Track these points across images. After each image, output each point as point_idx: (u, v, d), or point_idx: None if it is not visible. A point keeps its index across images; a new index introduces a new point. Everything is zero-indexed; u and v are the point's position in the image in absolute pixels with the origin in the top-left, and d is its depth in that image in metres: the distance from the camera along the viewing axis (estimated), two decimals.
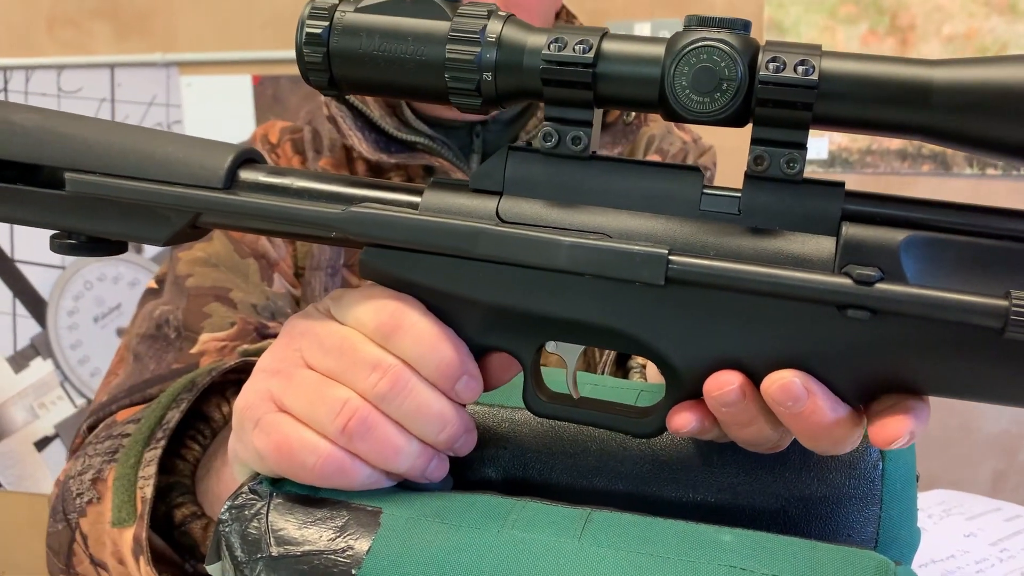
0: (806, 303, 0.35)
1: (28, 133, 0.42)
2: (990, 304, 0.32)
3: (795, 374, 0.35)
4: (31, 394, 2.23)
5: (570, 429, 0.46)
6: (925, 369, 0.35)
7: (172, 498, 0.54)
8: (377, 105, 0.79)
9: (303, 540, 0.37)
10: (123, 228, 0.42)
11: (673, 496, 0.44)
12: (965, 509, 0.76)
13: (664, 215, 0.38)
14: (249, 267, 0.76)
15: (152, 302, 0.75)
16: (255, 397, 0.40)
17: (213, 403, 0.57)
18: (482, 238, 0.38)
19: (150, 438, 0.53)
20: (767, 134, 0.35)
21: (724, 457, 0.44)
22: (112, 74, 2.00)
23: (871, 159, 1.71)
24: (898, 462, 0.44)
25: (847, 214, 0.36)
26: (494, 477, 0.46)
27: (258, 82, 1.93)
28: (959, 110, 0.33)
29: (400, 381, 0.38)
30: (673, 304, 0.37)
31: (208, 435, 0.56)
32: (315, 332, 0.40)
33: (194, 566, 0.54)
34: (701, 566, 0.34)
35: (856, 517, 0.43)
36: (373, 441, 0.38)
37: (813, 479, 0.43)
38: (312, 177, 0.42)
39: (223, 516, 0.39)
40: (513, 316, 0.39)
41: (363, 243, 0.40)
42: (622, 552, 0.35)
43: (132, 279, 2.11)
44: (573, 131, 0.38)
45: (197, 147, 0.42)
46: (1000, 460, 1.77)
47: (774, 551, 0.35)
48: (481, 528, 0.37)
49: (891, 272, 0.35)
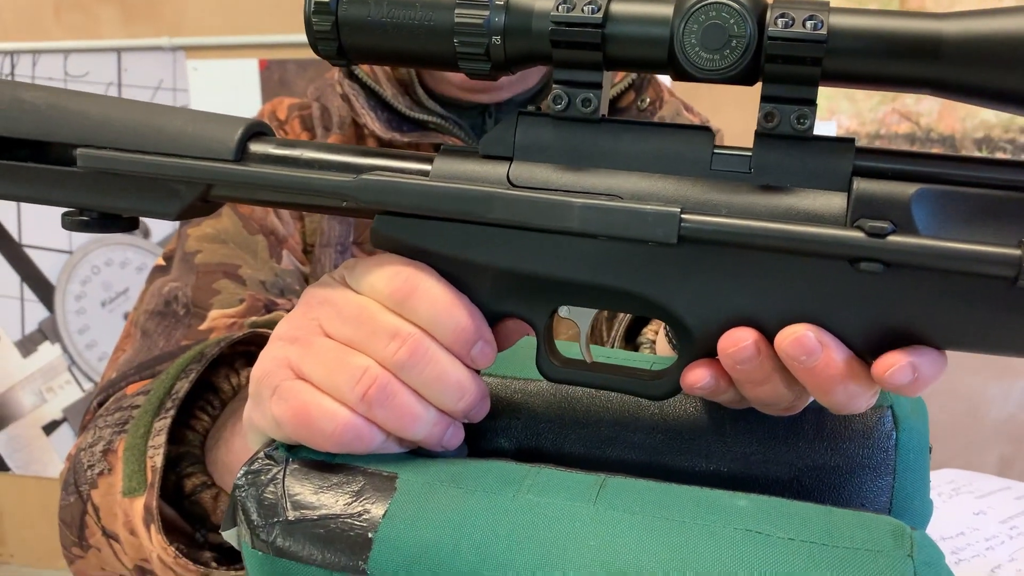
0: (819, 258, 0.35)
1: (38, 111, 0.42)
2: (1003, 253, 0.32)
3: (808, 328, 0.35)
4: (39, 378, 2.24)
5: (583, 400, 0.46)
6: (937, 321, 0.35)
7: (182, 468, 0.54)
8: (390, 84, 0.79)
9: (319, 504, 0.37)
10: (134, 203, 0.42)
11: (686, 466, 0.44)
12: (975, 488, 0.76)
13: (675, 175, 0.38)
14: (258, 243, 0.76)
15: (161, 279, 0.75)
16: (272, 365, 0.40)
17: (222, 374, 0.57)
18: (494, 202, 0.38)
19: (159, 408, 0.53)
20: (777, 91, 0.35)
21: (737, 427, 0.44)
22: (119, 58, 2.00)
23: (879, 143, 1.71)
24: (911, 432, 0.44)
25: (858, 169, 0.36)
26: (507, 447, 0.46)
27: (265, 66, 1.93)
28: (969, 62, 0.33)
29: (420, 350, 0.38)
30: (686, 264, 0.37)
31: (217, 406, 0.56)
32: (333, 301, 0.40)
33: (204, 535, 0.54)
34: (717, 529, 0.34)
35: (869, 487, 0.43)
36: (392, 409, 0.38)
37: (826, 449, 0.43)
38: (322, 148, 0.42)
39: (239, 481, 0.39)
40: (526, 281, 0.39)
41: (375, 211, 0.40)
42: (637, 516, 0.35)
43: (140, 264, 2.12)
44: (583, 93, 0.38)
45: (207, 121, 0.42)
46: (1007, 445, 1.77)
47: (789, 515, 0.35)
48: (496, 493, 0.37)
49: (903, 225, 0.35)
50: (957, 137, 1.65)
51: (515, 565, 0.34)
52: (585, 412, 0.46)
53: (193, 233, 0.76)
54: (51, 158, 0.43)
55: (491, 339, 0.40)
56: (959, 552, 0.65)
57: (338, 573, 0.36)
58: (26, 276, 2.18)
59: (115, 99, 0.43)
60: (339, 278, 0.42)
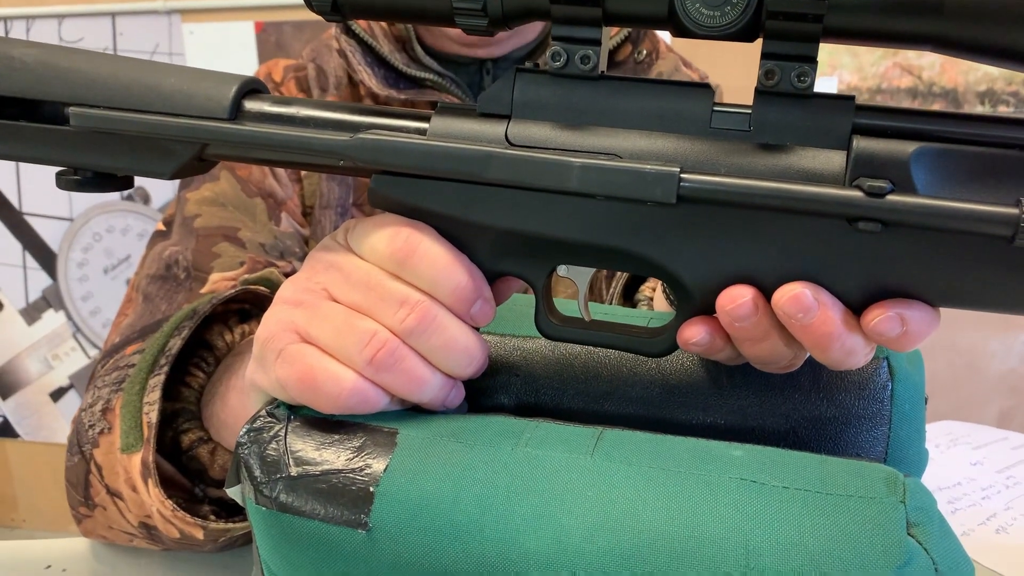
0: (817, 217, 0.35)
1: (28, 68, 0.41)
2: (1001, 212, 0.32)
3: (805, 286, 0.36)
4: (45, 346, 2.25)
5: (581, 356, 0.47)
6: (935, 279, 0.36)
7: (178, 424, 0.55)
8: (387, 40, 0.78)
9: (321, 460, 0.38)
10: (129, 162, 0.42)
11: (683, 419, 0.44)
12: (972, 439, 0.77)
13: (675, 134, 0.38)
14: (256, 206, 0.76)
15: (161, 243, 0.75)
16: (277, 327, 0.40)
17: (216, 331, 0.58)
18: (492, 162, 0.38)
19: (153, 365, 0.54)
20: (778, 48, 0.35)
21: (734, 380, 0.44)
22: (113, 22, 1.98)
23: (881, 98, 1.69)
24: (907, 383, 0.44)
25: (857, 127, 0.36)
26: (507, 404, 0.46)
27: (261, 29, 1.91)
28: (971, 17, 0.32)
29: (428, 316, 0.39)
30: (685, 223, 0.37)
31: (212, 362, 0.57)
32: (340, 266, 0.40)
33: (203, 490, 0.55)
34: (713, 479, 0.35)
35: (865, 437, 0.44)
36: (399, 373, 0.39)
37: (822, 400, 0.43)
38: (317, 105, 0.41)
39: (242, 439, 0.39)
40: (524, 240, 0.39)
41: (372, 170, 0.40)
42: (634, 467, 0.36)
43: (141, 230, 2.12)
44: (582, 50, 0.38)
45: (201, 78, 0.42)
46: (1007, 398, 1.78)
47: (785, 464, 0.35)
48: (495, 446, 0.37)
49: (901, 184, 0.35)
50: (960, 91, 1.63)
51: (514, 516, 0.35)
52: (583, 368, 0.46)
53: (192, 197, 0.76)
54: (43, 116, 0.43)
55: (490, 297, 0.41)
56: (956, 502, 0.66)
57: (341, 526, 0.36)
58: (28, 244, 2.19)
59: (108, 56, 0.43)
60: (342, 241, 0.42)
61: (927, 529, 0.33)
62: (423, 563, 0.35)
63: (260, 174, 0.78)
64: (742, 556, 0.32)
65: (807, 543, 0.32)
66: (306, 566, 0.37)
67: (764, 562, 0.32)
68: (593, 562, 0.33)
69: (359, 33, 0.78)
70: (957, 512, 0.65)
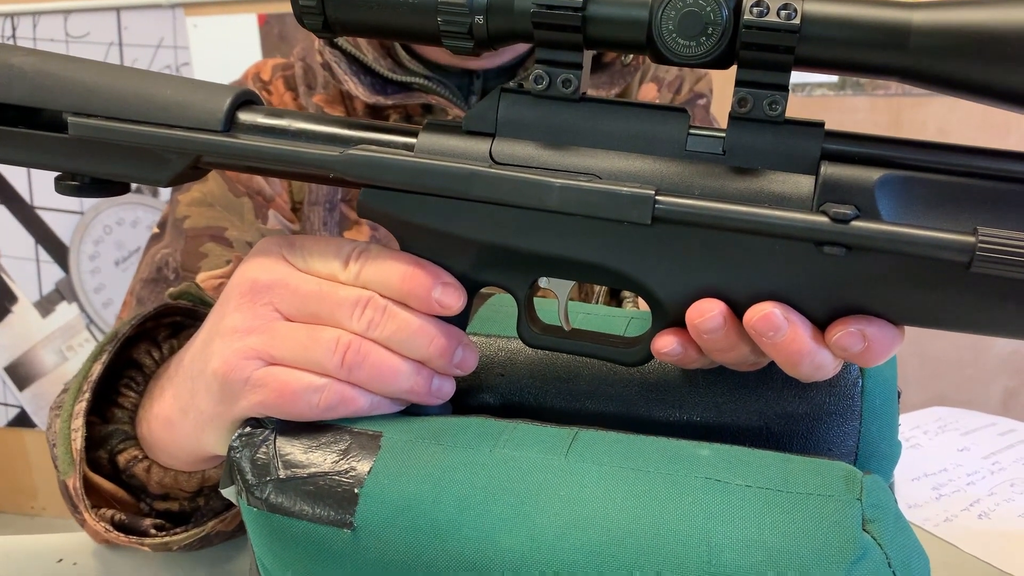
0: (786, 240, 0.37)
1: (28, 77, 0.42)
2: (958, 240, 0.34)
3: (775, 305, 0.37)
4: (59, 337, 2.29)
5: (563, 357, 0.48)
6: (897, 300, 0.37)
7: (113, 444, 0.55)
8: (371, 48, 0.79)
9: (309, 463, 0.40)
10: (126, 170, 0.43)
11: (661, 416, 0.46)
12: (961, 425, 0.78)
13: (651, 155, 0.39)
14: (243, 205, 0.78)
15: (155, 246, 0.77)
16: (236, 358, 0.41)
17: (143, 349, 0.58)
18: (476, 180, 0.39)
19: (78, 392, 0.54)
20: (751, 76, 0.37)
21: (709, 378, 0.46)
22: (119, 17, 2.00)
23: (882, 80, 1.69)
24: (878, 379, 0.46)
25: (826, 153, 0.37)
26: (492, 403, 0.48)
27: (264, 21, 1.92)
28: (936, 53, 0.34)
29: (379, 309, 0.40)
30: (659, 241, 0.38)
31: (141, 381, 0.57)
32: (285, 283, 0.41)
33: (149, 504, 0.57)
34: (679, 478, 0.36)
35: (836, 432, 0.45)
36: (370, 367, 0.40)
37: (794, 397, 0.45)
38: (309, 119, 0.43)
39: (234, 443, 0.41)
40: (507, 254, 0.41)
41: (361, 184, 0.41)
42: (605, 467, 0.37)
43: (150, 222, 2.14)
44: (563, 73, 0.39)
45: (195, 90, 0.43)
46: (1011, 379, 1.78)
47: (749, 463, 0.37)
48: (474, 448, 0.39)
49: (866, 209, 0.36)
50: None
51: (491, 515, 0.37)
52: (565, 368, 0.48)
53: (183, 199, 0.78)
54: (41, 122, 0.44)
55: (452, 281, 0.41)
56: (940, 488, 0.67)
57: (328, 526, 0.38)
58: (40, 238, 2.22)
59: (106, 65, 0.44)
60: (277, 256, 0.42)
61: (882, 525, 0.34)
62: (405, 561, 0.37)
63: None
64: (704, 553, 0.34)
65: (766, 540, 0.34)
66: (296, 563, 0.39)
67: (725, 558, 0.34)
68: (565, 559, 0.35)
69: (341, 45, 0.79)
70: (942, 498, 0.66)
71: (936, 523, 0.63)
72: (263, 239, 0.44)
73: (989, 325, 0.37)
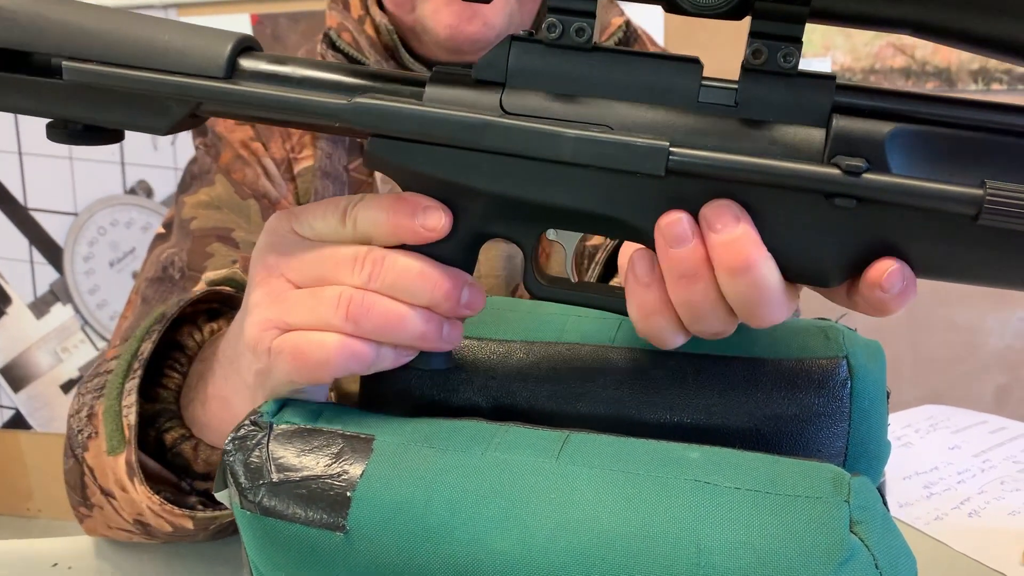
0: (798, 191, 0.37)
1: (20, 19, 0.41)
2: (966, 193, 0.35)
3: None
4: (54, 339, 2.29)
5: (554, 360, 0.48)
6: (906, 250, 0.38)
7: (160, 424, 0.57)
8: (373, 51, 0.80)
9: (301, 467, 0.40)
10: (123, 117, 0.42)
11: (652, 418, 0.46)
12: (952, 423, 0.79)
13: (664, 106, 0.39)
14: (250, 207, 0.78)
15: (160, 246, 0.77)
16: (257, 330, 0.42)
17: (185, 332, 0.60)
18: (489, 130, 0.39)
19: (128, 370, 0.56)
20: (765, 27, 0.37)
21: (699, 379, 0.46)
22: None
23: (875, 78, 1.70)
24: (866, 380, 0.46)
25: (837, 106, 0.38)
26: (483, 405, 0.48)
27: (256, 21, 1.92)
28: (949, 4, 0.34)
29: (377, 259, 0.41)
30: (672, 192, 0.38)
31: (184, 363, 0.59)
32: (291, 253, 0.43)
33: (190, 483, 0.58)
34: (669, 481, 0.37)
35: (826, 433, 0.45)
36: (376, 316, 0.40)
37: (784, 398, 0.45)
38: (313, 65, 0.42)
39: (227, 447, 0.41)
40: (515, 205, 0.41)
41: (368, 134, 0.41)
42: (595, 470, 0.38)
43: (144, 223, 2.14)
44: (577, 22, 0.39)
45: (196, 35, 0.42)
46: (1004, 375, 1.79)
47: (737, 466, 0.37)
48: (466, 451, 0.39)
49: (876, 162, 0.37)
50: (952, 69, 1.63)
51: (483, 519, 0.37)
52: (556, 369, 0.48)
53: (189, 201, 0.78)
54: (33, 67, 0.42)
55: (432, 203, 0.41)
56: (931, 487, 0.68)
57: (320, 529, 0.38)
58: (34, 239, 2.21)
59: (100, 8, 0.42)
60: (287, 231, 0.43)
61: (869, 527, 0.35)
62: (398, 564, 0.37)
63: (254, 175, 0.80)
64: (693, 555, 0.34)
65: (755, 542, 0.34)
66: (289, 566, 0.40)
67: (714, 560, 0.34)
68: (555, 562, 0.35)
69: (343, 48, 0.79)
70: (932, 497, 0.66)
71: (927, 522, 0.63)
72: (271, 217, 0.45)
73: (996, 277, 0.38)
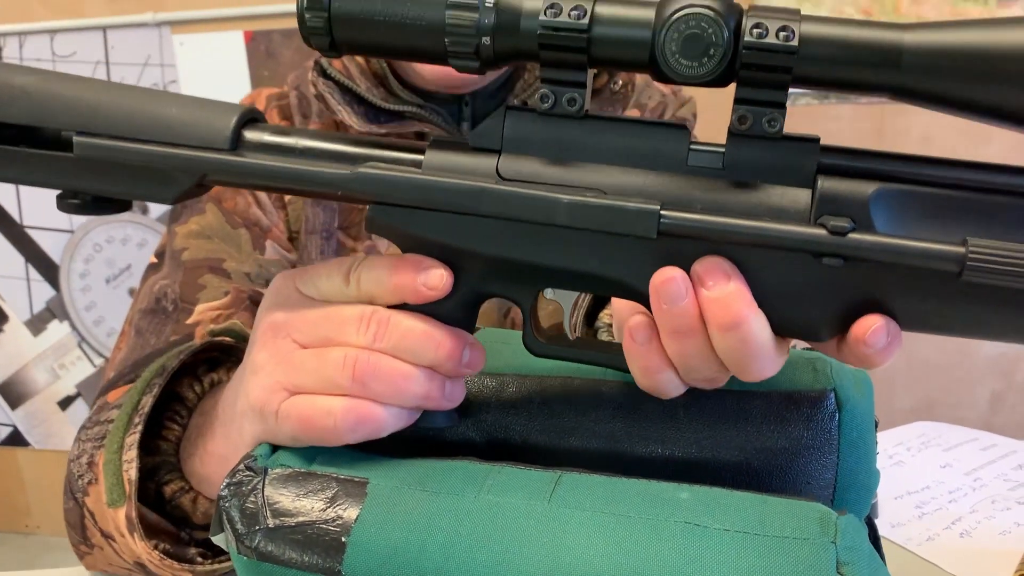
0: (786, 252, 0.38)
1: (29, 96, 0.42)
2: (949, 251, 0.36)
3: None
4: (51, 356, 2.29)
5: (547, 394, 0.49)
6: (892, 307, 0.39)
7: (160, 476, 0.57)
8: (363, 78, 0.80)
9: (297, 511, 0.40)
10: (131, 188, 0.43)
11: (643, 452, 0.47)
12: (943, 440, 0.79)
13: (654, 170, 0.40)
14: (241, 237, 0.79)
15: (153, 277, 0.78)
16: (265, 393, 0.43)
17: (186, 383, 0.59)
18: (486, 196, 0.40)
19: (128, 423, 0.56)
20: (750, 94, 0.38)
21: (690, 413, 0.47)
22: (105, 36, 2.00)
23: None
24: (854, 412, 0.47)
25: (822, 167, 0.39)
26: (478, 440, 0.49)
27: (250, 38, 1.93)
28: (928, 72, 0.35)
29: (382, 319, 0.42)
30: (664, 253, 0.39)
31: (184, 415, 0.59)
32: (296, 314, 0.43)
33: (189, 533, 0.58)
34: (660, 523, 0.37)
35: (815, 465, 0.46)
36: (383, 377, 0.41)
37: (773, 432, 0.46)
38: (315, 136, 0.43)
39: (223, 492, 0.42)
40: (513, 266, 0.42)
41: (370, 201, 0.42)
42: (587, 512, 0.38)
43: (140, 240, 2.14)
44: (568, 92, 0.40)
45: (200, 108, 0.43)
46: (998, 382, 1.80)
47: (726, 507, 0.38)
48: (459, 494, 0.40)
49: (862, 222, 0.38)
50: None
51: (476, 564, 0.37)
52: (549, 403, 0.49)
53: (180, 231, 0.79)
54: (43, 141, 0.43)
55: (433, 264, 0.42)
56: (923, 506, 0.68)
57: (317, 574, 0.39)
58: (30, 256, 2.21)
59: (106, 83, 0.44)
60: (292, 290, 0.44)
61: (856, 568, 0.35)
62: None
63: (244, 204, 0.80)
64: None
65: None
66: None
67: None
68: None
69: (334, 76, 0.80)
70: (924, 517, 0.67)
71: (919, 543, 0.64)
72: (277, 276, 0.46)
73: (981, 330, 0.39)
